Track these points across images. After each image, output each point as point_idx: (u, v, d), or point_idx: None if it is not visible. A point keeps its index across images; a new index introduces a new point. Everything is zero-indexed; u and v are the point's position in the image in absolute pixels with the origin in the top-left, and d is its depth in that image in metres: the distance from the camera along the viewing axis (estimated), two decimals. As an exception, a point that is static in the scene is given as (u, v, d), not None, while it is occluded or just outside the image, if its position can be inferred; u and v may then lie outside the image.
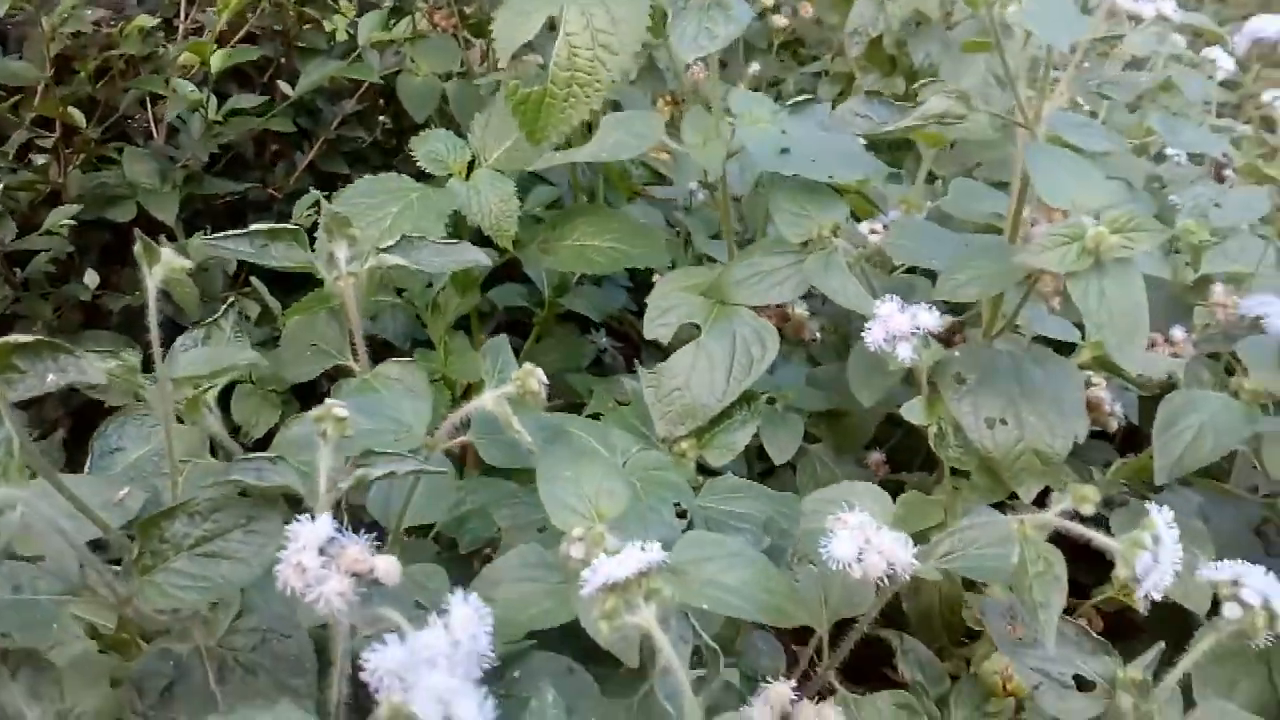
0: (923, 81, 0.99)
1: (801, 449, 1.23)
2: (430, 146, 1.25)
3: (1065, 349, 1.22)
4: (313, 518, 0.63)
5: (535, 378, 0.87)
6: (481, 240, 1.27)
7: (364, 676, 0.54)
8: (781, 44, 2.90)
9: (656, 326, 1.13)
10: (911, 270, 1.32)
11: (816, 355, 1.47)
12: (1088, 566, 1.22)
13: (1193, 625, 1.20)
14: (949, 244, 1.08)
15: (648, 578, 0.67)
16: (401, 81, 1.59)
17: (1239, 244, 1.50)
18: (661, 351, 1.17)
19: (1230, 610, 0.75)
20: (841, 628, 0.92)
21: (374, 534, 0.64)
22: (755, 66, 2.68)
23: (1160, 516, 0.70)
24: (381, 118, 1.72)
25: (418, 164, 1.27)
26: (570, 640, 0.82)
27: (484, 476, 1.12)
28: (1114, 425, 1.28)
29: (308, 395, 1.24)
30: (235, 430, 1.18)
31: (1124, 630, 1.27)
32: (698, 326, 1.12)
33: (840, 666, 1.00)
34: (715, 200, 1.33)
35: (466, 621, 0.57)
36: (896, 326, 0.93)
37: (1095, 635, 0.85)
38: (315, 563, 0.62)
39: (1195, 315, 1.43)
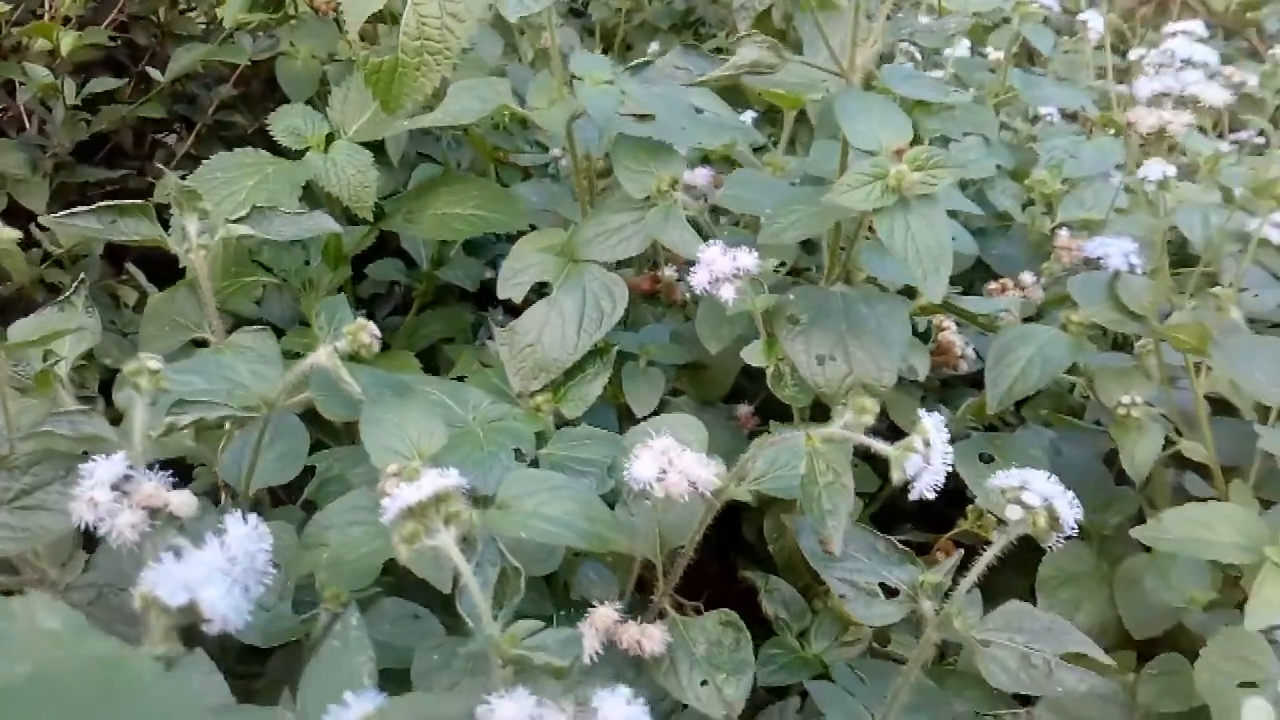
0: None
1: (665, 402, 1.27)
2: (288, 122, 1.27)
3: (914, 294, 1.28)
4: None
5: (366, 331, 0.90)
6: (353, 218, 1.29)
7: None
8: (684, 24, 2.95)
9: (510, 286, 1.16)
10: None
11: (692, 317, 1.51)
12: (947, 502, 1.29)
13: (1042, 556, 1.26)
14: (780, 193, 1.12)
15: (445, 502, 0.70)
16: (280, 65, 1.61)
17: (1092, 192, 1.57)
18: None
19: (1012, 512, 0.80)
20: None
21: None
22: (654, 45, 2.72)
23: (930, 420, 0.74)
24: (269, 104, 1.73)
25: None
26: (422, 588, 0.86)
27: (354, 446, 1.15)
28: (964, 367, 1.34)
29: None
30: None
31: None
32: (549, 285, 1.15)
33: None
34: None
35: (244, 540, 0.60)
36: (720, 269, 0.97)
37: (901, 547, 0.90)
38: (107, 497, 0.64)
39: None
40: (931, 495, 0.75)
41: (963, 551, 0.88)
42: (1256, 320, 1.38)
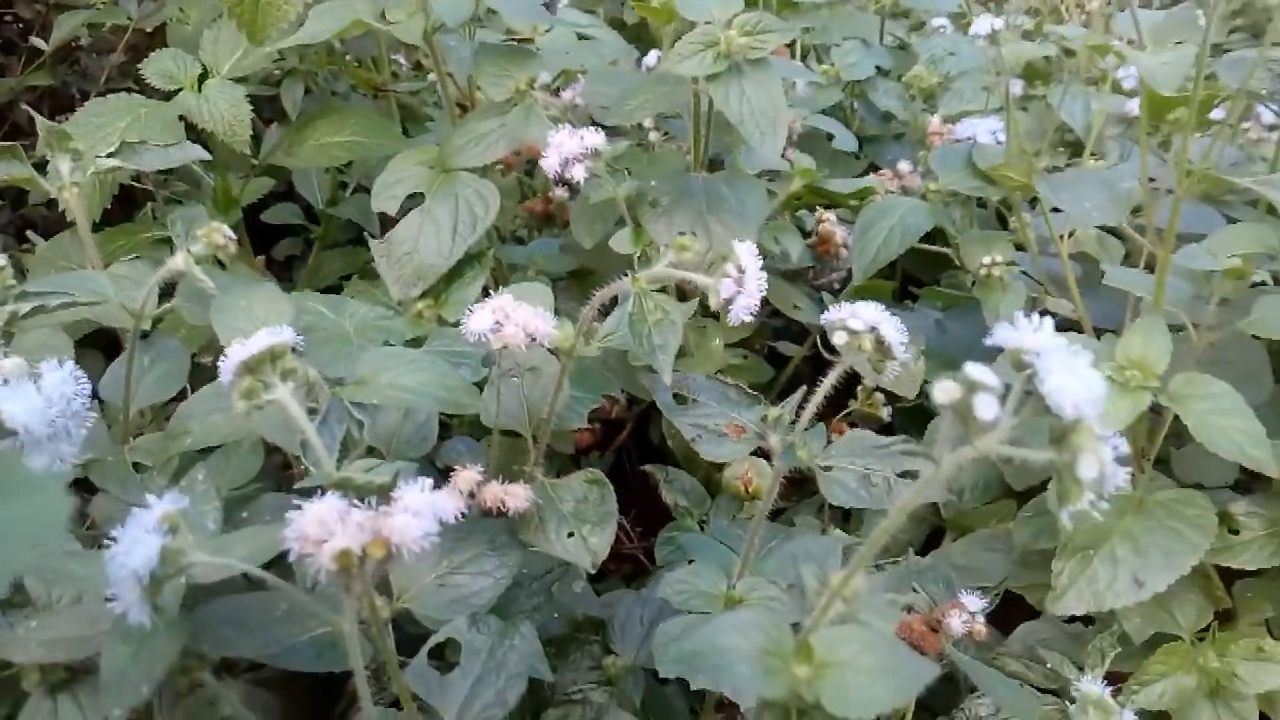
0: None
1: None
2: (160, 65, 1.29)
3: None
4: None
5: (220, 233, 0.92)
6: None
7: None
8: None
9: (384, 200, 1.19)
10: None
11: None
12: (849, 392, 1.33)
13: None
14: (635, 82, 1.15)
15: (280, 358, 0.73)
16: (171, 31, 1.62)
17: (971, 86, 1.61)
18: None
19: (838, 338, 0.83)
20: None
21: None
22: None
23: (743, 249, 0.78)
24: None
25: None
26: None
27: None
28: (845, 255, 1.38)
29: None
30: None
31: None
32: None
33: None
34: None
35: (59, 383, 0.62)
36: (569, 150, 1.00)
37: (750, 392, 0.94)
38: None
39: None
40: (748, 318, 0.78)
41: (805, 389, 0.91)
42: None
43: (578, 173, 1.01)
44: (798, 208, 1.38)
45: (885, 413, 1.32)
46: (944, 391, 0.49)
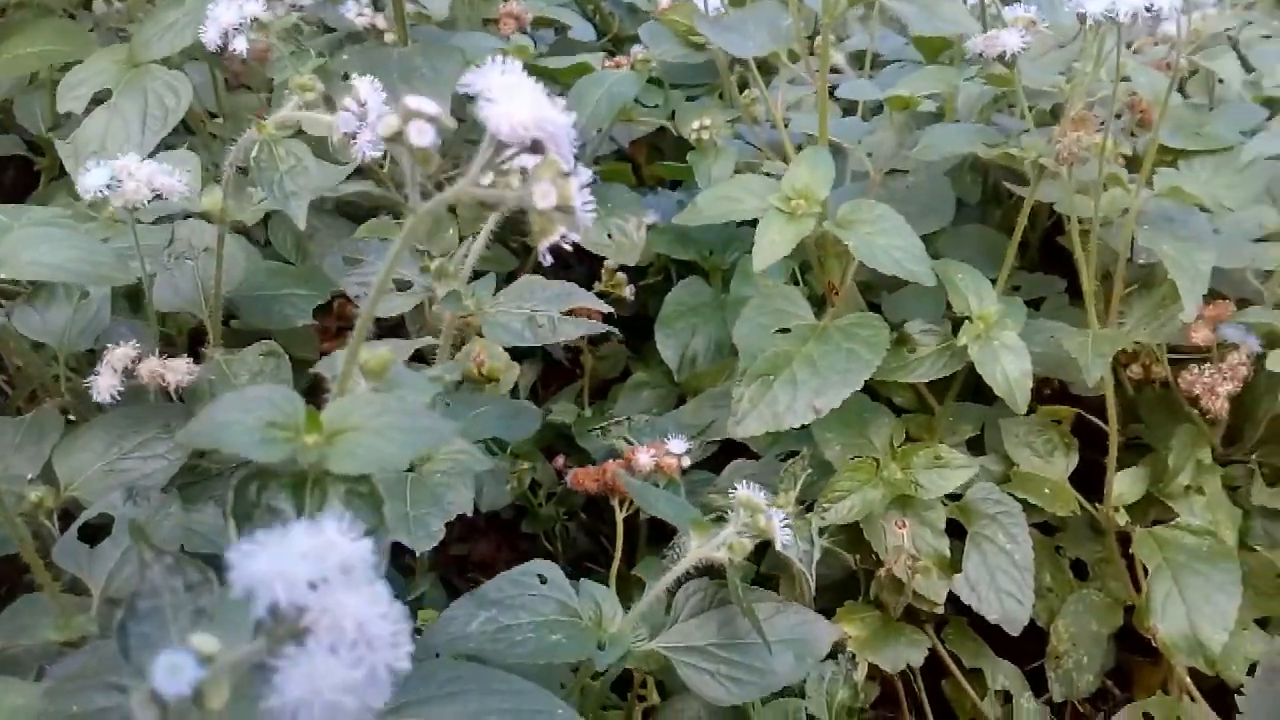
0: None
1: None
2: None
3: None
4: None
5: None
6: None
7: None
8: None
9: (69, 100, 1.13)
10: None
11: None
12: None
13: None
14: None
15: None
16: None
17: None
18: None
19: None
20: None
21: None
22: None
23: (363, 83, 0.77)
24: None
25: None
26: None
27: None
28: (580, 135, 1.37)
29: None
30: None
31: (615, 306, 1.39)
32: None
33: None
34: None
35: None
36: (226, 21, 0.97)
37: (424, 249, 0.93)
38: None
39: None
40: (375, 152, 0.77)
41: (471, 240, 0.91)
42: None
43: (239, 45, 0.97)
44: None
45: (629, 291, 1.33)
46: (385, 126, 0.49)
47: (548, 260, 0.50)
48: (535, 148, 0.50)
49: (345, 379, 0.53)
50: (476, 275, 1.01)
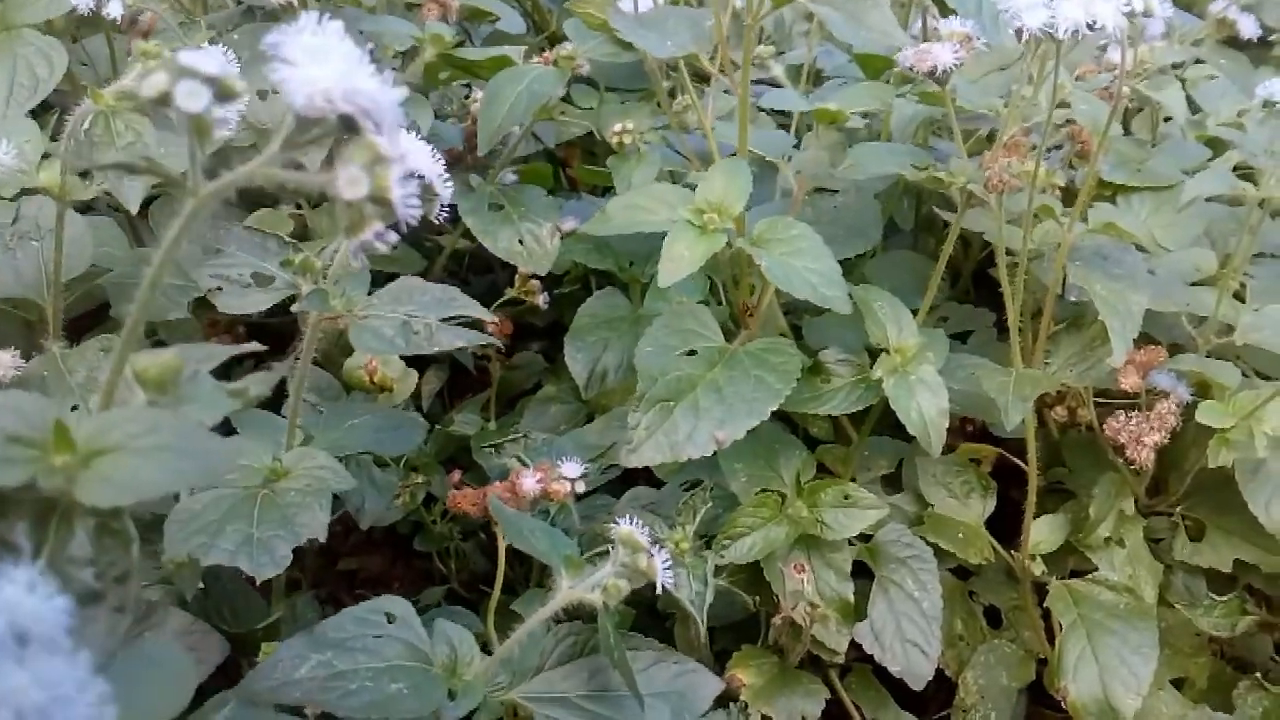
0: None
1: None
2: None
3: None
4: None
5: None
6: None
7: None
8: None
9: (-71, 61, 1.03)
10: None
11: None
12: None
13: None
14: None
15: None
16: None
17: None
18: None
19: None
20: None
21: None
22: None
23: (213, 54, 0.68)
24: None
25: None
26: None
27: None
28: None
29: None
30: None
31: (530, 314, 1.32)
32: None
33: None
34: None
35: None
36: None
37: (291, 241, 0.85)
38: None
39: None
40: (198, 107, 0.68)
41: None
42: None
43: (114, 10, 0.89)
44: (445, 81, 1.30)
45: (542, 299, 1.26)
46: (150, 85, 0.41)
47: (358, 262, 0.43)
48: (348, 125, 0.42)
49: (110, 389, 0.45)
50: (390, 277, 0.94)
